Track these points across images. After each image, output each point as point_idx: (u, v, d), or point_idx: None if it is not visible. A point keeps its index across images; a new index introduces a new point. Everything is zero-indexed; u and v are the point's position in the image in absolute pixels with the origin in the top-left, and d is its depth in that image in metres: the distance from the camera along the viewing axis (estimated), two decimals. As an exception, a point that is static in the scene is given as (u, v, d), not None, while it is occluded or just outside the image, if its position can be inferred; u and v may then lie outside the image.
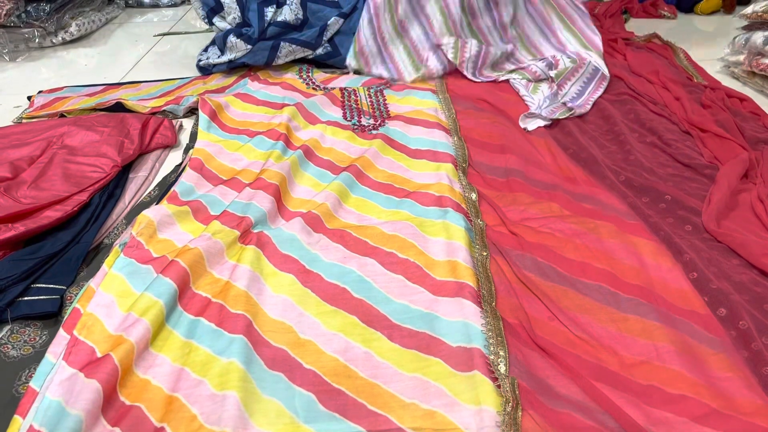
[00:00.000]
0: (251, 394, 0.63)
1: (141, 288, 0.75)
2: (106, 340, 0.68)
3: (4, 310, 0.78)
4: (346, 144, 1.13)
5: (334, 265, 0.82)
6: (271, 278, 0.79)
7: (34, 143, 1.14)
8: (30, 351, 0.74)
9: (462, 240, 0.83)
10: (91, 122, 1.20)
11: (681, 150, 1.06)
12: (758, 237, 0.85)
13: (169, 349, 0.69)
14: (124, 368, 0.64)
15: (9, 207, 0.93)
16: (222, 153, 1.11)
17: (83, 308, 0.74)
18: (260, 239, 0.85)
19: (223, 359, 0.67)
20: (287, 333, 0.71)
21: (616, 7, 1.84)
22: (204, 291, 0.77)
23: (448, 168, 1.02)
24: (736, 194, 0.94)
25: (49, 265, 0.86)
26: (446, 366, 0.66)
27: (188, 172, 1.03)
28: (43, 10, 1.74)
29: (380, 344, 0.70)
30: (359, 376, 0.66)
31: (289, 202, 0.97)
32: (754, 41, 1.33)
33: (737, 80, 1.40)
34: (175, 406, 0.63)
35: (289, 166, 1.03)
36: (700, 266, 0.79)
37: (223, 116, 1.23)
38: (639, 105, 1.23)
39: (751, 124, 1.14)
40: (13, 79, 1.59)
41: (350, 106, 1.27)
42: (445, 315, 0.72)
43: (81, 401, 0.60)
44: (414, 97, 1.30)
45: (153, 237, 0.86)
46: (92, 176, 1.03)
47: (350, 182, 0.99)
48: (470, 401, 0.62)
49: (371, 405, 0.63)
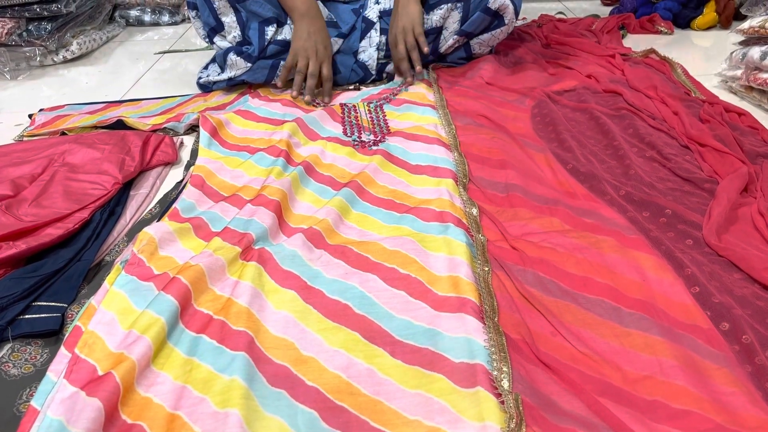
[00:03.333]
0: (253, 411, 0.62)
1: (142, 305, 0.75)
2: (107, 357, 0.67)
3: (5, 328, 0.78)
4: (346, 160, 1.13)
5: (336, 281, 0.81)
6: (273, 295, 0.78)
7: (35, 161, 1.14)
8: (31, 369, 0.74)
9: (463, 255, 0.82)
10: (92, 140, 1.21)
11: (680, 164, 1.07)
12: (759, 251, 0.85)
13: (170, 367, 0.68)
14: (125, 386, 0.64)
15: (10, 225, 0.93)
16: (223, 170, 1.11)
17: (84, 326, 0.74)
18: (261, 255, 0.84)
19: (225, 377, 0.66)
20: (289, 350, 0.70)
21: (614, 23, 1.86)
22: (205, 308, 0.76)
23: (448, 183, 1.01)
24: (736, 208, 0.94)
25: (50, 282, 0.86)
26: (449, 382, 0.65)
27: (189, 189, 1.03)
28: (44, 28, 1.75)
29: (383, 361, 0.69)
30: (362, 393, 0.65)
31: (291, 218, 0.97)
32: (751, 56, 1.34)
33: (735, 95, 1.41)
34: (177, 425, 0.62)
35: (290, 182, 1.03)
36: (702, 281, 0.79)
37: (223, 133, 1.23)
38: (638, 120, 1.24)
39: (750, 138, 1.15)
40: (15, 98, 1.60)
41: (350, 122, 1.27)
42: (447, 331, 0.71)
43: (82, 420, 0.59)
44: (414, 113, 1.31)
45: (154, 254, 0.85)
46: (93, 193, 1.04)
47: (351, 198, 0.99)
48: (474, 418, 0.60)
49: (374, 422, 0.62)
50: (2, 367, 0.74)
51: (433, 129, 1.23)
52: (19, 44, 1.76)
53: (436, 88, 1.42)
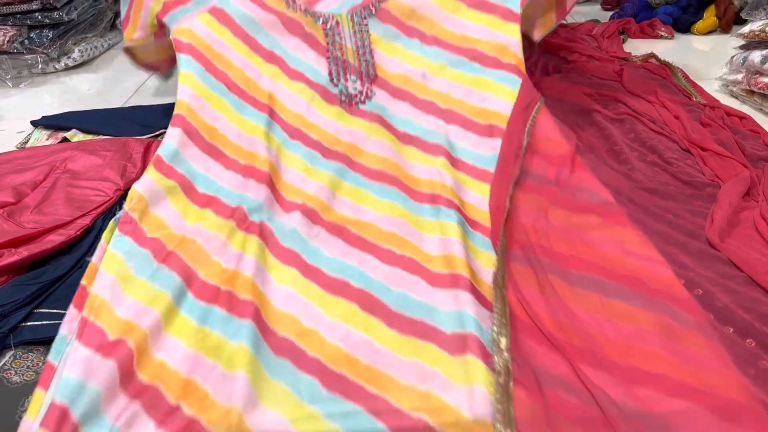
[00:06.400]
0: (259, 376, 0.67)
1: (141, 273, 0.78)
2: (115, 323, 0.71)
3: (7, 335, 0.78)
4: (335, 125, 1.08)
5: (335, 260, 0.84)
6: (275, 270, 0.82)
7: (37, 168, 1.14)
8: (33, 377, 0.74)
9: (456, 234, 0.85)
10: (94, 146, 1.21)
11: (682, 168, 1.07)
12: (761, 255, 0.85)
13: (184, 335, 0.72)
14: (139, 350, 0.69)
15: (12, 232, 0.94)
16: (204, 109, 1.05)
17: (88, 286, 0.77)
18: (262, 231, 0.87)
19: (234, 343, 0.71)
20: (292, 323, 0.75)
21: (614, 28, 1.86)
22: (213, 280, 0.80)
23: (439, 162, 1.00)
24: (739, 212, 0.94)
25: (52, 289, 0.86)
26: (442, 351, 0.70)
27: (171, 131, 1.00)
28: (46, 36, 1.76)
29: (380, 332, 0.73)
30: (360, 362, 0.70)
31: (283, 188, 0.97)
32: (752, 60, 1.34)
33: (736, 99, 1.41)
34: (191, 388, 0.67)
35: (277, 153, 1.02)
36: (705, 284, 0.79)
37: (194, 39, 1.14)
38: (639, 124, 1.24)
39: (752, 142, 1.15)
40: (16, 105, 1.61)
41: (335, 56, 1.17)
42: (441, 305, 0.75)
43: (99, 378, 0.64)
44: (399, 46, 1.20)
45: (145, 213, 0.87)
46: (95, 200, 1.04)
47: (342, 172, 1.00)
48: (463, 381, 0.66)
49: (370, 387, 0.67)
50: (4, 374, 0.74)
51: (421, 79, 1.15)
52: (21, 52, 1.76)
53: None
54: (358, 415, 0.64)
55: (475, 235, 0.88)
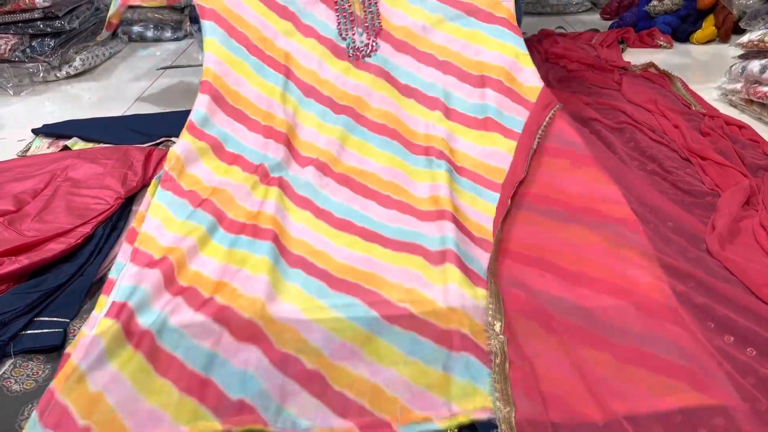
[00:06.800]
0: (277, 279, 0.85)
1: (181, 216, 0.95)
2: (160, 250, 0.88)
3: (8, 343, 0.78)
4: (343, 78, 1.22)
5: (342, 205, 1.00)
6: (292, 212, 0.99)
7: (37, 176, 1.14)
8: (33, 385, 0.74)
9: (443, 180, 1.01)
10: (95, 155, 1.21)
11: (682, 177, 1.07)
12: (760, 265, 0.85)
13: (215, 255, 0.89)
14: (178, 265, 0.86)
15: (13, 240, 0.94)
16: (229, 74, 1.19)
17: (138, 227, 0.94)
18: (281, 183, 1.03)
19: (257, 255, 0.88)
20: (305, 246, 0.92)
21: (613, 38, 1.87)
22: (240, 218, 0.96)
23: (435, 117, 1.15)
24: (738, 221, 0.95)
25: (52, 298, 0.86)
26: (425, 262, 0.87)
27: (200, 98, 1.15)
28: (47, 45, 1.76)
29: (377, 251, 0.90)
30: (359, 270, 0.87)
31: (299, 145, 1.13)
32: (750, 70, 1.34)
33: (735, 108, 1.42)
34: (222, 286, 0.83)
35: (293, 113, 1.17)
36: (705, 293, 0.79)
37: (215, 4, 1.24)
38: (638, 133, 1.24)
39: (751, 151, 1.15)
40: (17, 113, 1.61)
41: (343, 8, 1.26)
42: (428, 233, 0.92)
43: (147, 282, 0.81)
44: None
45: (182, 172, 1.04)
46: (96, 208, 1.04)
47: (350, 126, 1.15)
48: (439, 282, 0.83)
49: (367, 285, 0.84)
50: (4, 383, 0.74)
51: (421, 32, 1.26)
52: (23, 60, 1.77)
53: None
54: (356, 305, 0.81)
55: (460, 180, 1.04)
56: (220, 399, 0.70)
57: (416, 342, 0.76)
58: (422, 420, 0.68)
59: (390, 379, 0.72)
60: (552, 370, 0.71)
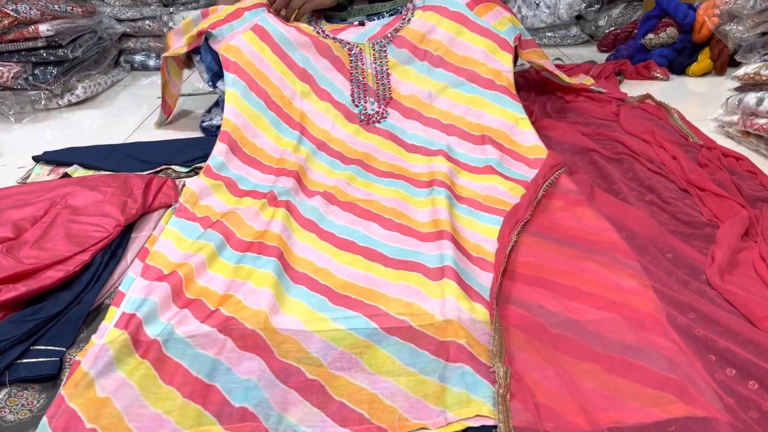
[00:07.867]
0: (281, 293, 0.90)
1: (192, 237, 1.03)
2: (170, 265, 0.95)
3: (3, 373, 0.77)
4: (353, 138, 1.35)
5: (345, 227, 1.07)
6: (297, 232, 1.06)
7: (37, 203, 1.14)
8: (27, 415, 0.73)
9: (443, 205, 1.08)
10: (95, 182, 1.21)
11: (680, 208, 1.07)
12: (760, 297, 0.85)
13: (222, 271, 0.95)
14: (186, 279, 0.91)
15: (11, 267, 0.93)
16: (247, 126, 1.32)
17: (150, 248, 1.01)
18: (289, 206, 1.11)
19: (262, 270, 0.94)
20: (308, 264, 0.98)
21: (610, 69, 1.89)
22: (247, 237, 1.03)
23: (438, 159, 1.25)
24: (737, 252, 0.95)
25: (49, 326, 0.85)
26: (424, 278, 0.92)
27: (219, 146, 1.27)
28: (50, 73, 1.78)
29: (378, 269, 0.96)
30: (360, 287, 0.92)
31: (308, 182, 1.22)
32: (747, 102, 1.36)
33: (732, 139, 1.43)
34: (228, 298, 0.89)
35: (305, 158, 1.28)
36: (706, 325, 0.78)
37: (240, 58, 1.37)
38: (636, 164, 1.25)
39: (749, 182, 1.16)
40: (18, 140, 1.62)
41: (357, 80, 1.41)
42: (427, 252, 0.98)
43: (156, 294, 0.87)
44: (412, 70, 1.43)
45: (196, 203, 1.13)
46: (95, 236, 1.04)
47: (358, 171, 1.25)
48: (437, 296, 0.87)
49: (367, 300, 0.89)
50: (-2, 412, 0.73)
51: (428, 100, 1.39)
52: (25, 88, 1.78)
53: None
54: (356, 318, 0.85)
55: (459, 206, 1.11)
56: (224, 405, 0.72)
57: (414, 353, 0.79)
58: (419, 428, 0.69)
59: (388, 389, 0.74)
60: (544, 381, 0.72)
